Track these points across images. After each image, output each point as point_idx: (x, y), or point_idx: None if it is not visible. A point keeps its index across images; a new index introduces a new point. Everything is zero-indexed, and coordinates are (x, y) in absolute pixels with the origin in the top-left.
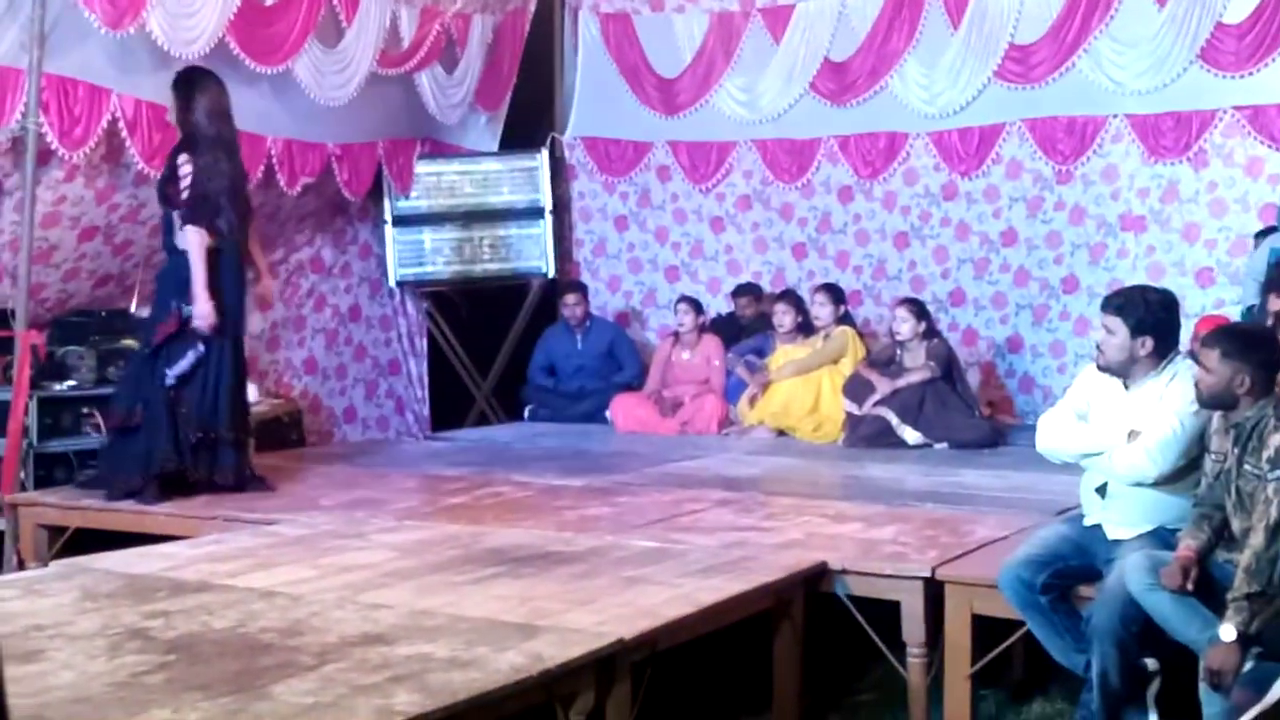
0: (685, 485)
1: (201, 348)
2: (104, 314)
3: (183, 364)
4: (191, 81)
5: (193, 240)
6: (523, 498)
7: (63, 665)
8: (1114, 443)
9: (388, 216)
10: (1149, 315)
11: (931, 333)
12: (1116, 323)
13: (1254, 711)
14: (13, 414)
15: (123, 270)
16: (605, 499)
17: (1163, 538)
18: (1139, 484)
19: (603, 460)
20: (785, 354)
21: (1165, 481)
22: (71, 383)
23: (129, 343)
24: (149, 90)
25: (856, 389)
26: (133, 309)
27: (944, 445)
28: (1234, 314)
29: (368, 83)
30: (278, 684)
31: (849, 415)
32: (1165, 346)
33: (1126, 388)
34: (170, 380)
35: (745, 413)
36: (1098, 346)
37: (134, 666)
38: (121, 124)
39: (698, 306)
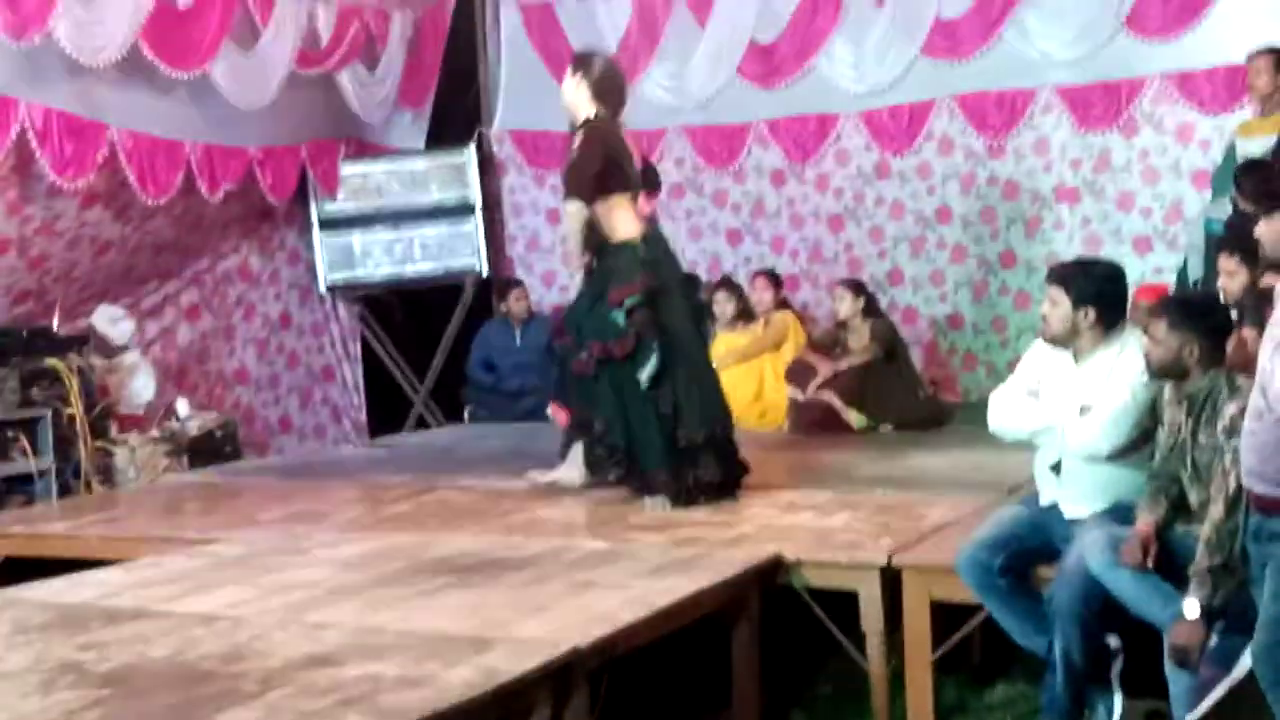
0: None
1: None
2: (25, 333)
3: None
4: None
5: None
6: (467, 503)
7: None
8: (1066, 418)
9: (314, 220)
10: (1090, 286)
11: (874, 311)
12: (1059, 294)
13: (1221, 687)
14: None
15: (41, 285)
16: (552, 500)
17: (1120, 514)
18: (1093, 458)
19: (547, 459)
20: (726, 342)
21: (1119, 455)
22: None
23: (52, 362)
24: (59, 99)
25: (799, 374)
26: (55, 326)
27: (889, 427)
28: (1171, 281)
29: (288, 84)
30: (220, 714)
31: (792, 401)
32: (1111, 318)
33: (1076, 361)
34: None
35: None
36: (1043, 317)
37: (68, 703)
38: (31, 134)
39: None
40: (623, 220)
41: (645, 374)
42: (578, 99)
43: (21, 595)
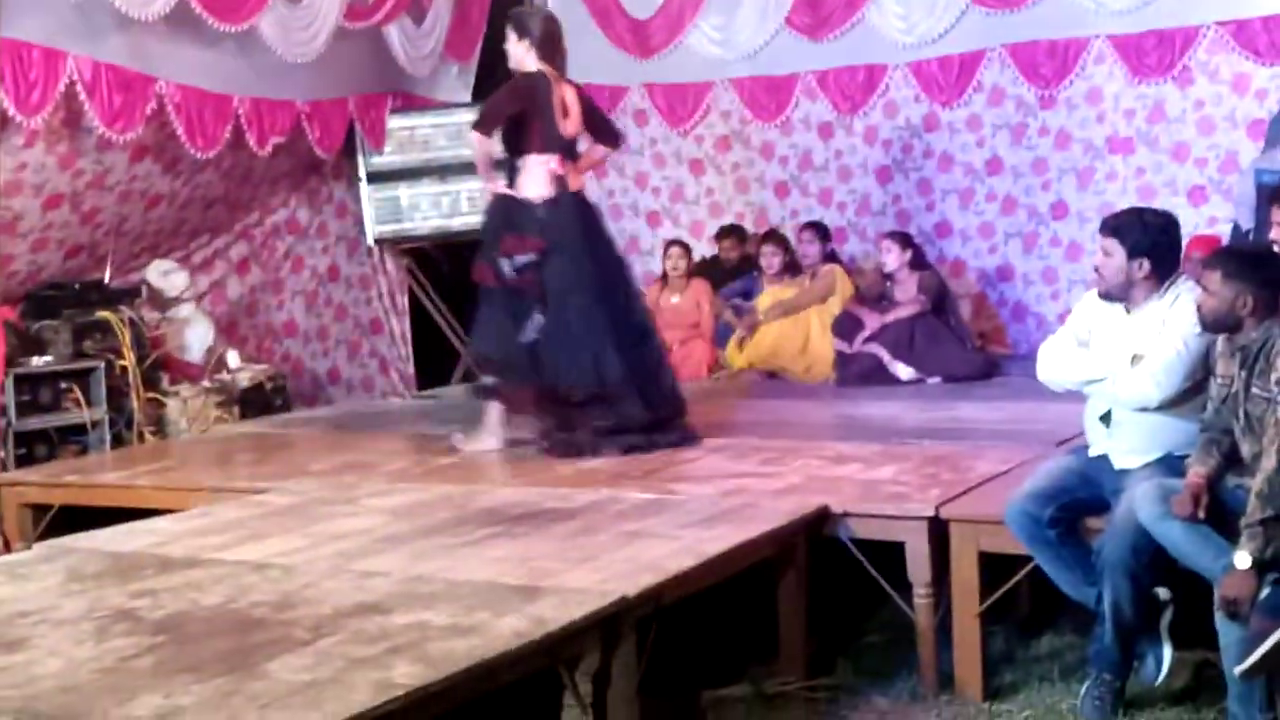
0: None
1: None
2: (77, 286)
3: None
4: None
5: None
6: (514, 454)
7: (48, 653)
8: (1117, 368)
9: (362, 174)
10: (1146, 237)
11: (921, 264)
12: (1113, 244)
13: (1273, 639)
14: None
15: (93, 239)
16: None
17: (1171, 465)
18: (1143, 409)
19: None
20: (773, 295)
21: (1170, 406)
22: (48, 358)
23: (104, 314)
24: (107, 52)
25: (846, 326)
26: (107, 279)
27: (937, 379)
28: (1225, 232)
29: (335, 37)
30: (272, 661)
31: (839, 353)
32: (1165, 268)
33: (1128, 311)
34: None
35: (734, 356)
36: (1096, 269)
37: (122, 650)
38: (80, 87)
39: (689, 249)
40: (534, 179)
41: (528, 335)
42: (526, 61)
43: (75, 544)
